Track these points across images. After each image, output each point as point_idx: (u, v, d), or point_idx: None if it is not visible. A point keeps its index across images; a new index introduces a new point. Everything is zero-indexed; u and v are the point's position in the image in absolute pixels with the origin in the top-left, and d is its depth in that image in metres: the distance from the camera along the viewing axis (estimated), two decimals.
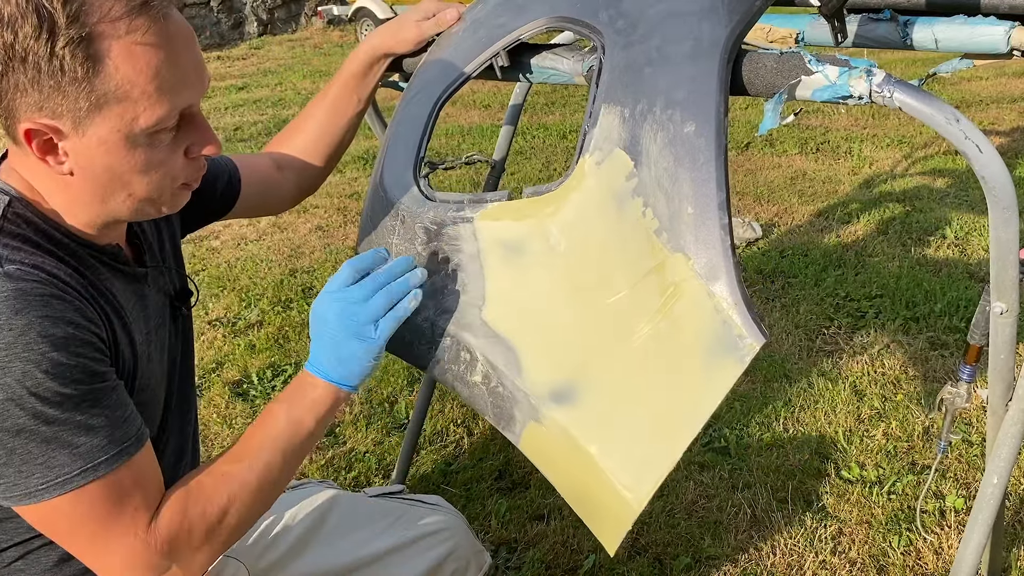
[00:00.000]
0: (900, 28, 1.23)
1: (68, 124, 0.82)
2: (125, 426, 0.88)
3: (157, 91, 0.83)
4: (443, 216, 1.10)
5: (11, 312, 0.79)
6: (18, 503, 0.84)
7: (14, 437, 0.81)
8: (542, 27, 1.12)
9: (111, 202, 0.90)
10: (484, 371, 1.05)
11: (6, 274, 0.81)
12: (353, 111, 1.27)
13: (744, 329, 0.88)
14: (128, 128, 0.83)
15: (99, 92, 0.81)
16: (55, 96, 0.80)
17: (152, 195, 0.91)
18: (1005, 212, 0.85)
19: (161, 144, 0.87)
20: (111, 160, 0.85)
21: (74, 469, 0.83)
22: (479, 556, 1.41)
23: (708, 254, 0.91)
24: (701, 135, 0.92)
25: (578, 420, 0.99)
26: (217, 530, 0.92)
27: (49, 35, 0.77)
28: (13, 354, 0.79)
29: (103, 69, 0.80)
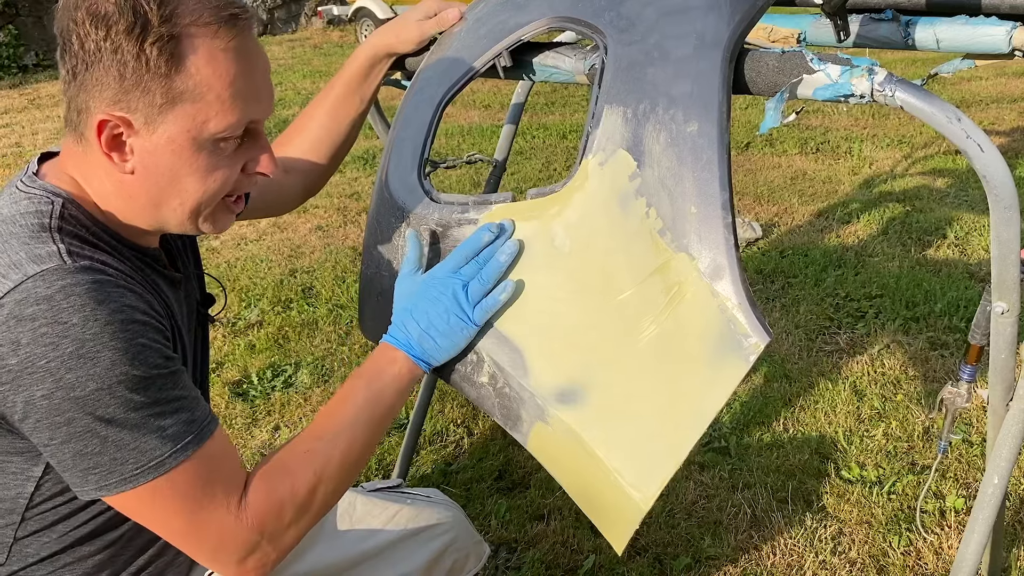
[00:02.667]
0: (902, 28, 1.23)
1: (141, 119, 0.85)
2: (201, 405, 0.90)
3: (231, 98, 0.86)
4: (448, 218, 1.10)
5: (94, 303, 0.81)
6: (114, 491, 0.85)
7: (107, 425, 0.82)
8: (544, 27, 1.12)
9: (164, 208, 0.91)
10: (491, 372, 1.06)
11: (83, 267, 0.83)
12: (356, 111, 1.27)
13: (749, 328, 0.88)
14: (198, 130, 0.86)
15: (177, 90, 0.84)
16: (134, 90, 0.83)
17: (203, 205, 0.92)
18: (1006, 212, 0.85)
19: (223, 153, 0.90)
20: (175, 161, 0.87)
21: (165, 451, 0.85)
22: (478, 547, 1.42)
23: (712, 253, 0.91)
24: (704, 134, 0.92)
25: (584, 420, 0.99)
26: (307, 507, 0.94)
27: (141, 31, 0.81)
28: (101, 344, 0.80)
29: (184, 68, 0.84)
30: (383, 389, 1.00)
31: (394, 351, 1.02)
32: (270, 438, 2.45)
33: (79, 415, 0.81)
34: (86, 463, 0.83)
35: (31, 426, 0.82)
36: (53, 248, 0.84)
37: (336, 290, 3.43)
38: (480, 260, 1.03)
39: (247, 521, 0.90)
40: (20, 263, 0.82)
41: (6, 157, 5.91)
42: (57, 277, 0.81)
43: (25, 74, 9.87)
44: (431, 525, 1.35)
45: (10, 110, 7.85)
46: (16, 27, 10.16)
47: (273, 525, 0.92)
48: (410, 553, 1.32)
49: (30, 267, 0.82)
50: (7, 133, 6.78)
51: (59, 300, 0.80)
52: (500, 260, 1.02)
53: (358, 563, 1.30)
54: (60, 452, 0.83)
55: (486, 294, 1.02)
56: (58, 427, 0.81)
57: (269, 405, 2.63)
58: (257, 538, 0.91)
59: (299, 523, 0.94)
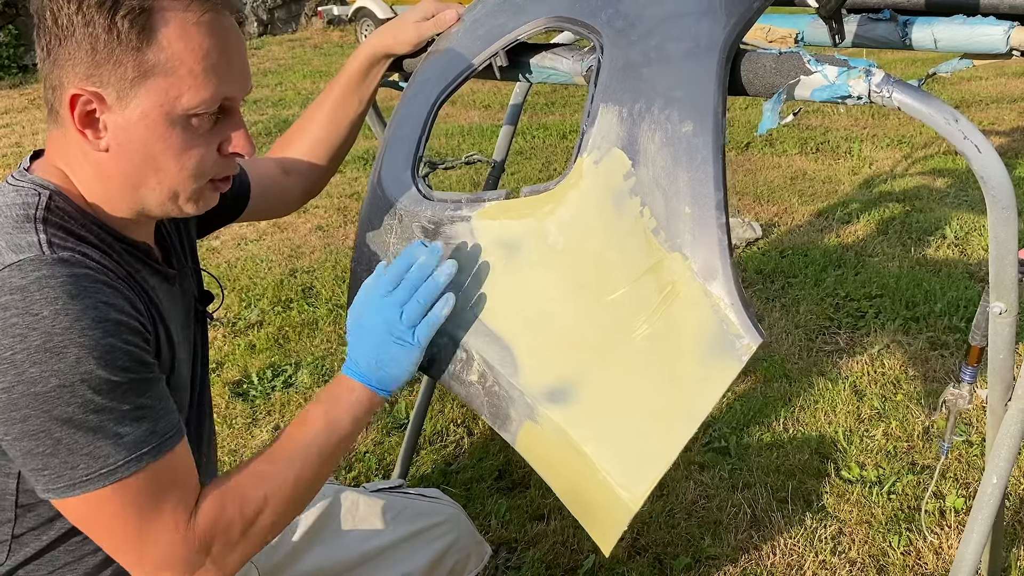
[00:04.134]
0: (899, 28, 1.23)
1: (113, 94, 0.84)
2: (168, 417, 0.88)
3: (204, 73, 0.85)
4: (441, 215, 1.10)
5: (68, 297, 0.79)
6: (61, 495, 0.83)
7: (63, 426, 0.80)
8: (541, 27, 1.12)
9: (142, 189, 0.90)
10: (480, 370, 1.05)
11: (62, 260, 0.81)
12: (355, 112, 1.27)
13: (741, 329, 0.88)
14: (171, 105, 0.85)
15: (149, 63, 0.83)
16: (106, 64, 0.83)
17: (181, 185, 0.91)
18: (1004, 212, 0.85)
19: (198, 131, 0.88)
20: (148, 137, 0.86)
21: (119, 460, 0.83)
22: (479, 547, 1.42)
23: (705, 253, 0.91)
24: (699, 134, 0.92)
25: (574, 419, 0.98)
26: (254, 528, 0.92)
27: (113, 4, 0.81)
28: (69, 339, 0.78)
29: (156, 41, 0.83)
30: (340, 418, 0.99)
31: (349, 380, 1.01)
32: (270, 438, 2.45)
33: (35, 412, 0.79)
34: (36, 463, 0.81)
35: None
36: (34, 239, 0.83)
37: (336, 290, 3.43)
38: (413, 280, 1.01)
39: (193, 540, 0.88)
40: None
41: (6, 157, 5.92)
42: (33, 268, 0.80)
43: (25, 74, 9.88)
44: (433, 525, 1.35)
45: (10, 110, 7.85)
46: (16, 27, 10.17)
47: (219, 545, 0.90)
48: (412, 553, 1.32)
49: (8, 256, 0.81)
50: (7, 133, 6.78)
51: (33, 291, 0.79)
52: (439, 281, 1.01)
53: (360, 563, 1.30)
54: (13, 448, 0.81)
55: (425, 313, 1.01)
56: (13, 423, 0.80)
57: (269, 405, 2.63)
58: (201, 558, 0.89)
59: (246, 545, 0.92)
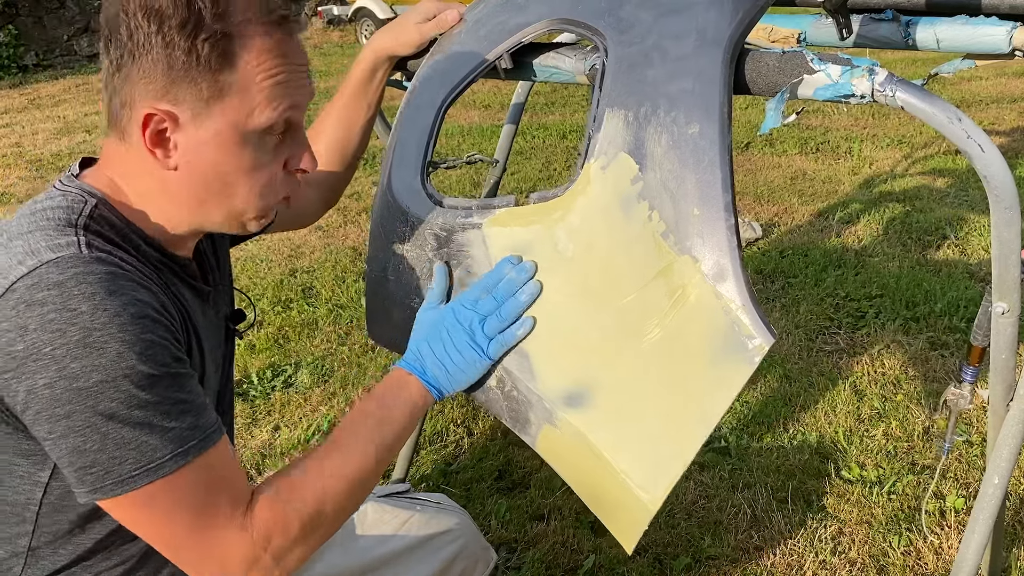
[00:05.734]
0: (902, 28, 1.24)
1: (187, 113, 0.86)
2: (208, 413, 0.87)
3: (272, 90, 0.88)
4: (452, 222, 1.10)
5: (105, 292, 0.80)
6: (111, 493, 0.82)
7: (108, 421, 0.79)
8: (543, 29, 1.12)
9: (208, 205, 0.92)
10: (498, 376, 1.06)
11: (99, 258, 0.82)
12: (364, 117, 1.27)
13: (753, 329, 0.88)
14: (244, 123, 0.87)
15: (225, 83, 0.85)
16: (182, 83, 0.84)
17: (249, 203, 0.92)
18: (1007, 212, 0.85)
19: (267, 148, 0.90)
20: (220, 156, 0.88)
21: (167, 453, 0.82)
22: (486, 554, 1.43)
23: (715, 256, 0.91)
24: (705, 136, 0.92)
25: (592, 423, 0.99)
26: (314, 524, 0.91)
27: (195, 27, 0.83)
28: (109, 334, 0.78)
29: (233, 63, 0.85)
30: (393, 411, 1.00)
31: (406, 375, 1.03)
32: (270, 438, 2.45)
33: (80, 408, 0.79)
34: (83, 460, 0.80)
35: (31, 418, 0.80)
36: (73, 239, 0.83)
37: (336, 290, 3.43)
38: (499, 295, 1.03)
39: (252, 535, 0.87)
40: (38, 251, 0.82)
41: (6, 157, 5.91)
42: (71, 264, 0.80)
43: (25, 74, 9.87)
44: (441, 532, 1.36)
45: (10, 110, 7.85)
46: (16, 27, 10.17)
47: (279, 541, 0.88)
48: (421, 560, 1.32)
49: (46, 254, 0.81)
50: (7, 133, 6.78)
51: (71, 287, 0.79)
52: (520, 300, 1.03)
53: (369, 570, 1.30)
54: (58, 447, 0.80)
55: (503, 330, 1.03)
56: (58, 419, 0.79)
57: (269, 405, 2.63)
58: (261, 553, 0.87)
59: (306, 541, 0.91)
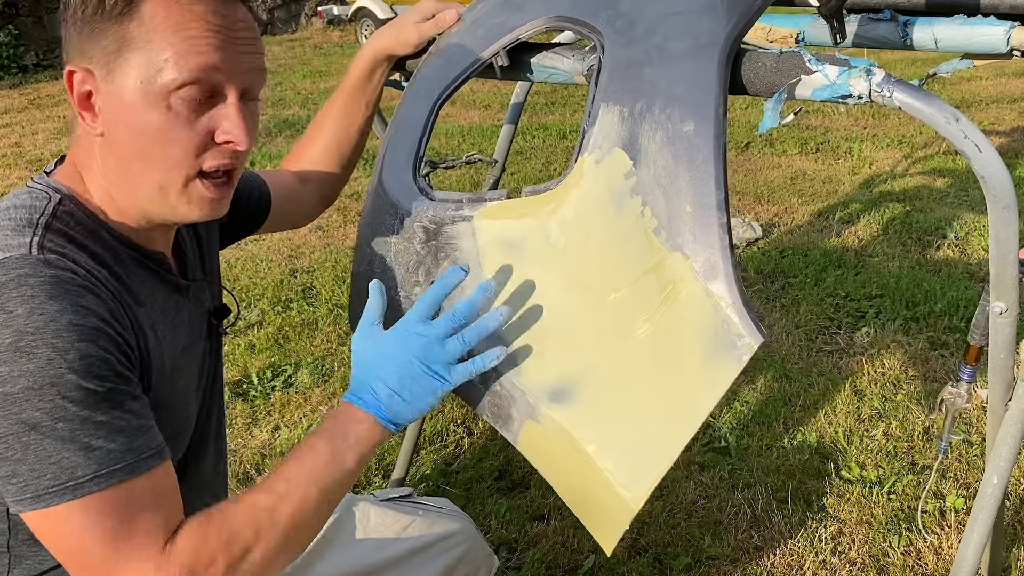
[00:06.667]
0: (900, 28, 1.23)
1: (99, 67, 0.84)
2: (146, 436, 0.83)
3: (184, 45, 0.83)
4: (442, 215, 1.10)
5: (45, 296, 0.78)
6: (28, 507, 0.79)
7: (31, 431, 0.76)
8: (541, 27, 1.12)
9: (136, 180, 0.87)
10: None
11: (46, 261, 0.80)
12: (362, 116, 1.27)
13: (742, 328, 0.88)
14: (151, 82, 0.83)
15: (129, 35, 0.83)
16: (90, 36, 0.84)
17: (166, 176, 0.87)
18: (1005, 212, 0.85)
19: (181, 113, 0.85)
20: (130, 117, 0.84)
21: (88, 473, 0.78)
22: (488, 560, 1.42)
23: (706, 253, 0.91)
24: (700, 134, 0.92)
25: (576, 419, 0.99)
26: (240, 565, 0.85)
27: None
28: (41, 339, 0.76)
29: (138, 13, 0.82)
30: (344, 452, 0.93)
31: (358, 411, 0.95)
32: (270, 438, 2.45)
33: (4, 413, 0.76)
34: (5, 468, 0.77)
35: None
36: (26, 240, 0.82)
37: (336, 290, 3.43)
38: (458, 314, 0.96)
39: (169, 570, 0.80)
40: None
41: (6, 157, 5.91)
42: (16, 266, 0.79)
43: (25, 74, 9.88)
44: (443, 537, 1.34)
45: (10, 110, 7.85)
46: (16, 27, 10.17)
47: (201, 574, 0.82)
48: (422, 565, 1.31)
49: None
50: (7, 133, 6.78)
51: (10, 288, 0.77)
52: (488, 326, 0.97)
53: (373, 573, 1.29)
54: None
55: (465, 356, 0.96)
56: None
57: (269, 405, 2.63)
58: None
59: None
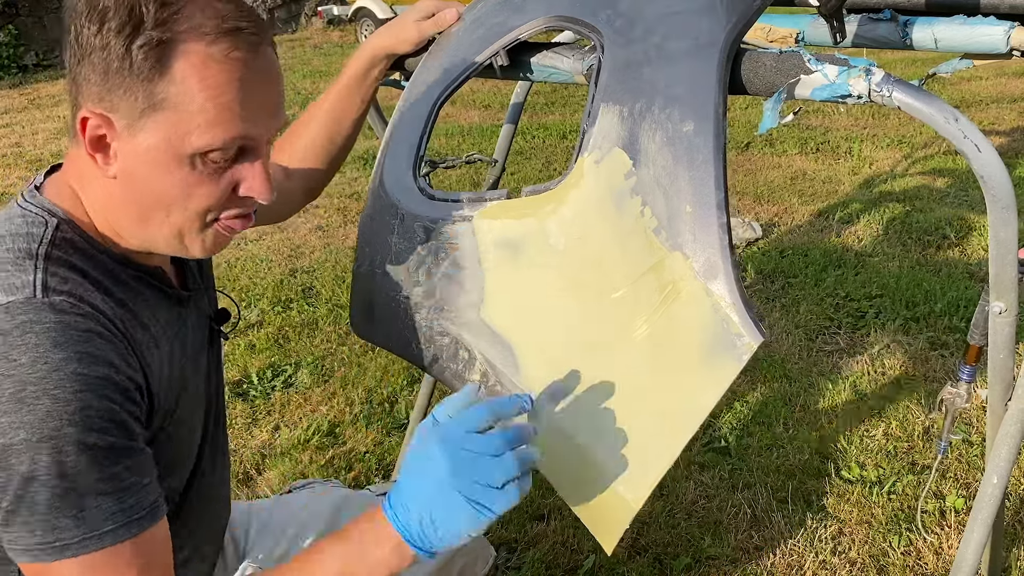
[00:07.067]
0: (900, 28, 1.23)
1: (123, 122, 0.81)
2: (140, 494, 0.81)
3: (217, 113, 0.81)
4: (442, 215, 1.10)
5: (50, 344, 0.76)
6: (17, 557, 0.79)
7: (26, 483, 0.75)
8: (541, 26, 1.12)
9: (150, 225, 0.86)
10: (482, 369, 1.06)
11: (51, 305, 0.79)
12: (356, 112, 1.26)
13: (742, 328, 0.88)
14: (179, 142, 0.81)
15: (159, 96, 0.80)
16: (117, 91, 0.80)
17: (186, 225, 0.86)
18: (1004, 212, 0.85)
19: (208, 170, 0.84)
20: (154, 172, 0.83)
21: (76, 535, 0.77)
22: (485, 550, 1.43)
23: (706, 253, 0.91)
24: (699, 134, 0.92)
25: (576, 418, 0.99)
26: None
27: (132, 32, 0.78)
28: (42, 390, 0.75)
29: (169, 74, 0.79)
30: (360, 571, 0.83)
31: (387, 528, 0.82)
32: (270, 438, 2.45)
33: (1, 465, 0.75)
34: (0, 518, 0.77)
35: None
36: (30, 278, 0.80)
37: (336, 290, 3.43)
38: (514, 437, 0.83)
39: None
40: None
41: (6, 157, 5.92)
42: (21, 311, 0.77)
43: (25, 74, 9.88)
44: None
45: (10, 110, 7.85)
46: (16, 27, 10.17)
47: None
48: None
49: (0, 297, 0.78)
50: (7, 133, 6.78)
51: (15, 336, 0.76)
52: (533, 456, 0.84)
53: None
54: None
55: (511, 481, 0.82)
56: None
57: (269, 405, 2.63)
58: None
59: None
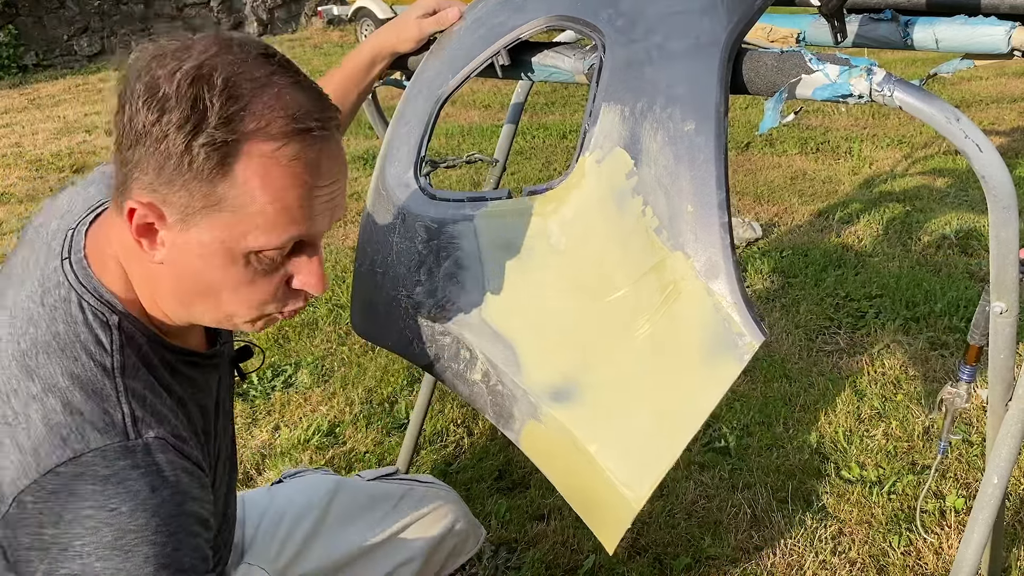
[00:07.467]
0: (901, 28, 1.23)
1: (175, 215, 0.78)
2: None
3: (276, 215, 0.77)
4: (444, 214, 1.10)
5: (149, 491, 0.77)
6: None
7: None
8: (542, 26, 1.12)
9: (194, 309, 0.85)
10: (484, 369, 1.06)
11: (146, 448, 0.79)
12: (353, 104, 1.27)
13: (743, 327, 0.88)
14: (233, 243, 0.78)
15: (218, 196, 0.76)
16: (173, 184, 0.76)
17: (238, 312, 0.85)
18: (1005, 212, 0.85)
19: (261, 267, 0.81)
20: (204, 267, 0.80)
21: None
22: (476, 529, 1.47)
23: (708, 252, 0.91)
24: (701, 133, 0.92)
25: (577, 418, 0.99)
26: None
27: (193, 129, 0.73)
28: (142, 538, 0.76)
29: (232, 176, 0.75)
30: None
31: None
32: (270, 438, 2.45)
33: None
34: None
35: None
36: (119, 416, 0.79)
37: (336, 290, 3.43)
38: None
39: None
40: (83, 429, 0.78)
41: (6, 157, 5.91)
42: (118, 455, 0.77)
43: (25, 74, 9.88)
44: (431, 511, 1.38)
45: (10, 110, 7.85)
46: (16, 27, 10.17)
47: None
48: (413, 539, 1.35)
49: (93, 437, 0.78)
50: (7, 133, 6.78)
51: (114, 484, 0.76)
52: None
53: (365, 553, 1.32)
54: None
55: None
56: None
57: (269, 405, 2.63)
58: None
59: None
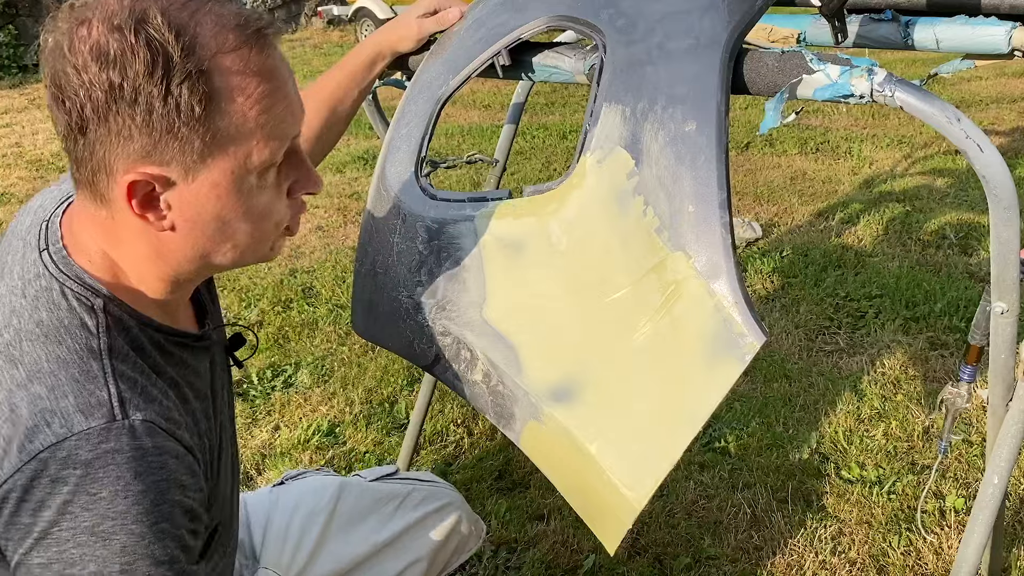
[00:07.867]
0: (901, 28, 1.23)
1: (177, 171, 0.76)
2: None
3: (268, 123, 0.78)
4: (444, 215, 1.10)
5: (131, 475, 0.74)
6: None
7: None
8: (543, 26, 1.12)
9: (214, 256, 0.83)
10: (484, 369, 1.06)
11: (131, 430, 0.76)
12: (353, 103, 1.26)
13: (745, 327, 0.88)
14: (242, 168, 0.78)
15: (215, 131, 0.75)
16: (167, 140, 0.73)
17: (258, 243, 0.85)
18: (1006, 212, 0.85)
19: (268, 184, 0.82)
20: (220, 206, 0.79)
21: None
22: (478, 525, 1.48)
23: (709, 253, 0.91)
24: (702, 133, 0.92)
25: (578, 418, 0.99)
26: None
27: (164, 71, 0.71)
28: (120, 525, 0.73)
29: (217, 102, 0.74)
30: None
31: None
32: (270, 438, 2.45)
33: None
34: None
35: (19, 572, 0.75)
36: (104, 395, 0.77)
37: (336, 290, 3.43)
38: None
39: None
40: (67, 412, 0.75)
41: (6, 157, 5.91)
42: (101, 439, 0.75)
43: (25, 74, 9.87)
44: (435, 510, 1.39)
45: (10, 110, 7.84)
46: (16, 27, 10.16)
47: None
48: (419, 539, 1.36)
49: (77, 420, 0.75)
50: (7, 133, 6.77)
51: (96, 468, 0.74)
52: None
53: (373, 554, 1.32)
54: None
55: None
56: None
57: (269, 405, 2.63)
58: None
59: None
